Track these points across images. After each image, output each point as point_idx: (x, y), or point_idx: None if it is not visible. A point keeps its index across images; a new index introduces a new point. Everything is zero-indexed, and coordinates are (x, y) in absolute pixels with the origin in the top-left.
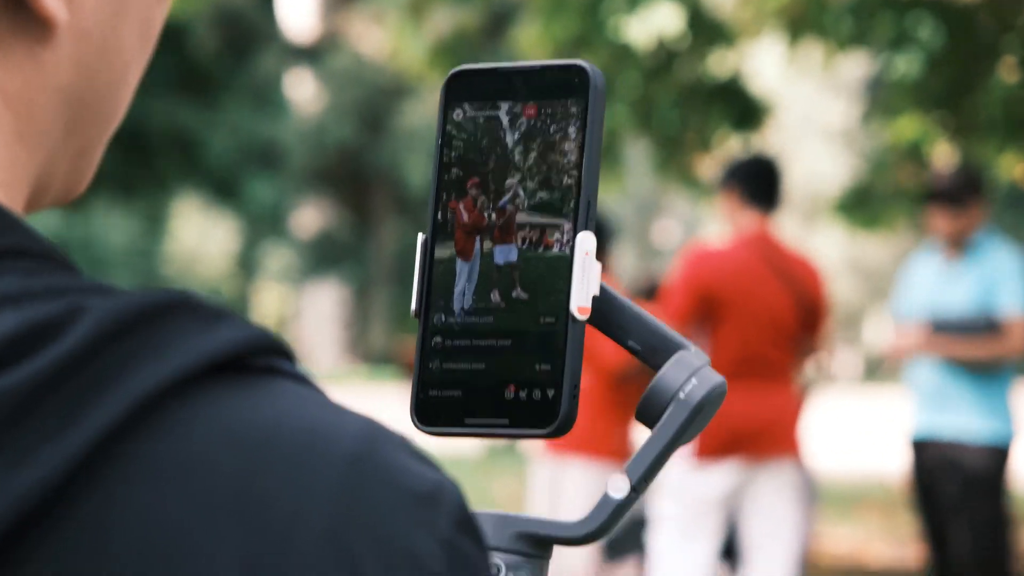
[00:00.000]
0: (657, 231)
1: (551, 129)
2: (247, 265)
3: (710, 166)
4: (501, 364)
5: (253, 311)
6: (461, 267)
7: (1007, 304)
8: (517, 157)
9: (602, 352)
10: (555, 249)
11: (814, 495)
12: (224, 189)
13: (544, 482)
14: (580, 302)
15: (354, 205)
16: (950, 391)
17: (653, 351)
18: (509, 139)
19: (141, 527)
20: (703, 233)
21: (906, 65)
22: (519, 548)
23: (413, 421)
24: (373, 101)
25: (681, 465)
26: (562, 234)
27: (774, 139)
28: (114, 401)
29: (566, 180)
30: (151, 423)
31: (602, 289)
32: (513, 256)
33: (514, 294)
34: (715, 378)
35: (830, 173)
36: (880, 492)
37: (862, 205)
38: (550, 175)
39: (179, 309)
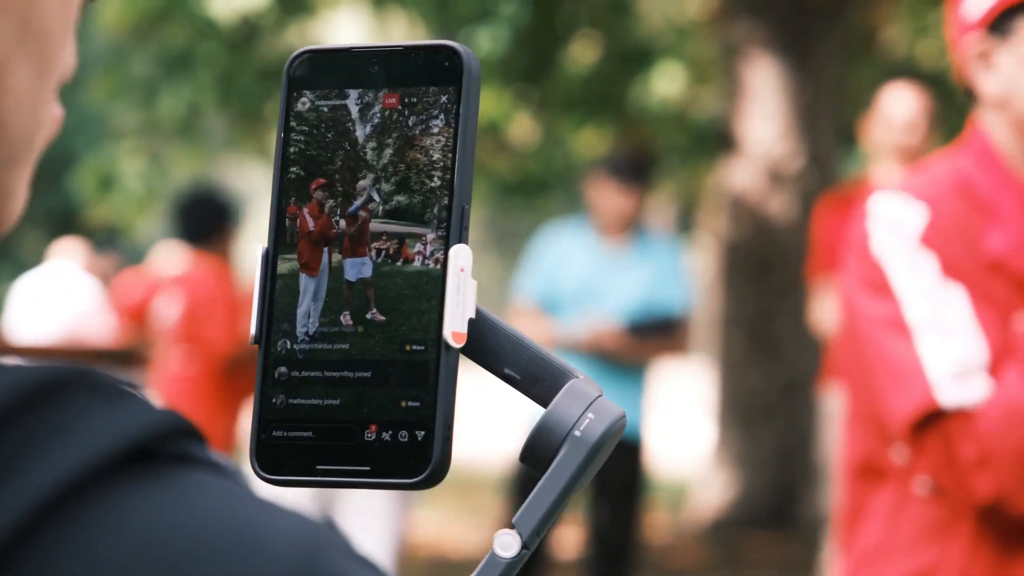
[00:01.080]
0: None
1: (411, 121)
2: None
3: None
4: (359, 400)
5: None
6: (306, 284)
7: (672, 301)
8: (369, 154)
9: (209, 334)
10: (416, 263)
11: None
12: None
13: None
14: (455, 327)
15: None
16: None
17: (534, 380)
18: (360, 133)
19: None
20: None
21: (491, 42)
22: None
23: (253, 468)
24: None
25: None
26: (425, 245)
27: None
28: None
29: (430, 182)
30: (48, 532)
31: (476, 309)
32: (367, 271)
33: (369, 316)
34: (614, 410)
35: None
36: (477, 476)
37: None
38: (410, 176)
39: (75, 387)
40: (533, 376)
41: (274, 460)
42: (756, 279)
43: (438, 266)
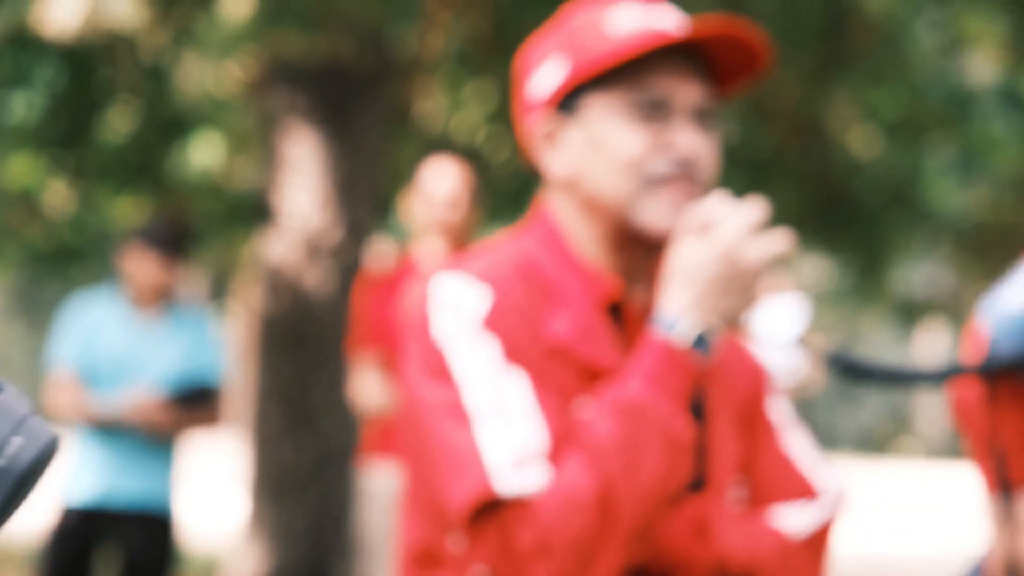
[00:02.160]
0: None
1: None
2: None
3: None
4: None
5: None
6: None
7: (208, 372)
8: None
9: None
10: None
11: None
12: None
13: None
14: None
15: None
16: (124, 457)
17: None
18: None
19: None
20: None
21: (25, 108)
22: None
23: None
24: None
25: None
26: None
27: None
28: None
29: None
30: None
31: None
32: None
33: None
34: (46, 431)
35: None
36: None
37: None
38: None
39: None
40: None
41: None
42: (292, 351)
43: None
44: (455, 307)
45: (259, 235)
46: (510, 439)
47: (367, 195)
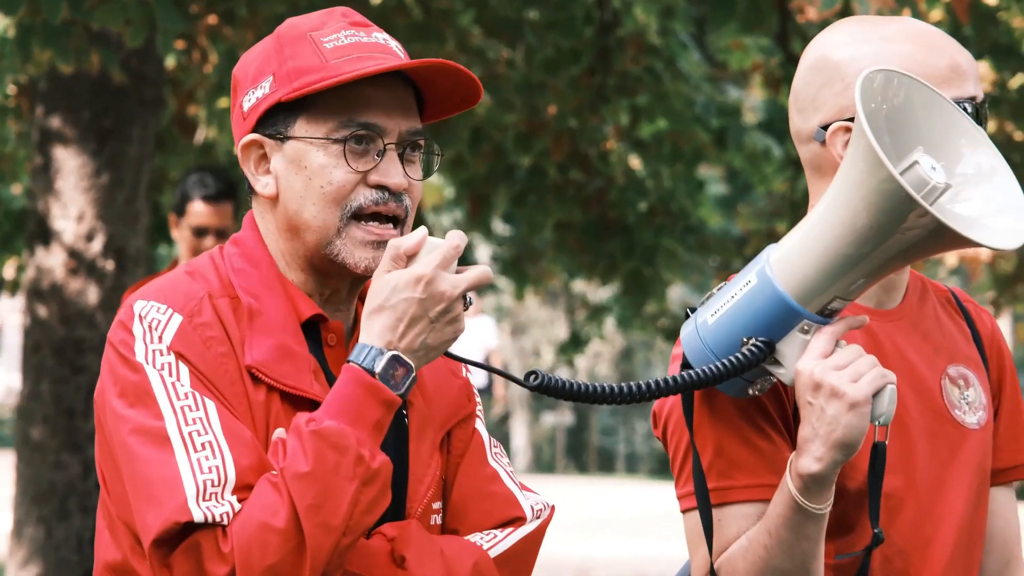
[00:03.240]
0: None
1: None
2: None
3: None
4: None
5: None
6: None
7: None
8: None
9: None
10: None
11: None
12: None
13: None
14: None
15: None
16: None
17: None
18: None
19: None
20: None
21: None
22: None
23: None
24: None
25: None
26: None
27: None
28: None
29: None
30: None
31: None
32: None
33: None
34: None
35: None
36: None
37: None
38: None
39: None
40: None
41: None
42: (54, 367)
43: None
44: (149, 330)
45: (28, 251)
46: (202, 467)
47: (131, 211)
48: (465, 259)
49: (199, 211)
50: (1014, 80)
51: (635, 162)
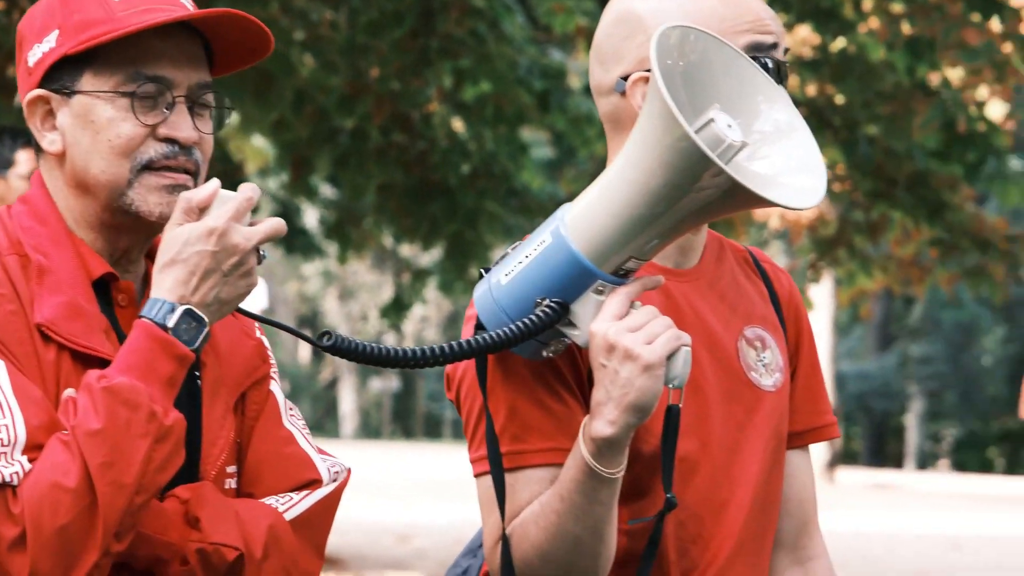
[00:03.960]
0: None
1: None
2: None
3: None
4: None
5: None
6: None
7: None
8: None
9: None
10: None
11: None
12: None
13: None
14: None
15: None
16: None
17: None
18: None
19: None
20: None
21: None
22: None
23: None
24: None
25: None
26: None
27: None
28: None
29: None
30: None
31: None
32: None
33: None
34: None
35: None
36: None
37: None
38: None
39: None
40: None
41: None
42: None
43: None
44: None
45: None
46: None
47: None
48: (290, 222)
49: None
50: (835, 43)
51: (458, 125)
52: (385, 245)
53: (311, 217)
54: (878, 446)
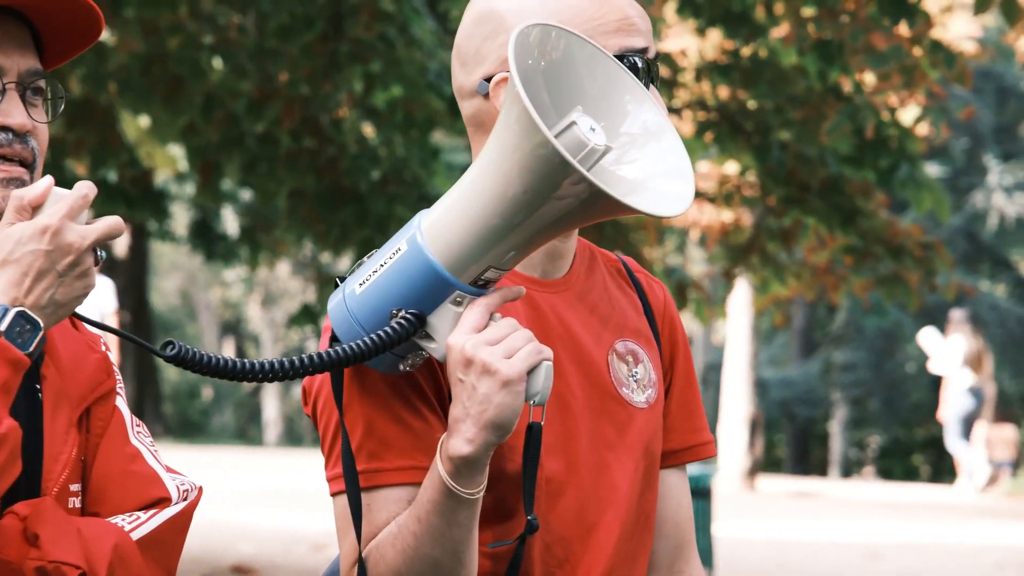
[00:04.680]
0: None
1: None
2: None
3: None
4: None
5: None
6: None
7: None
8: None
9: None
10: None
11: None
12: None
13: None
14: None
15: None
16: None
17: None
18: None
19: None
20: None
21: None
22: None
23: None
24: None
25: None
26: None
27: None
28: None
29: None
30: None
31: None
32: None
33: None
34: None
35: None
36: None
37: None
38: None
39: None
40: None
41: None
42: None
43: None
44: None
45: None
46: None
47: None
48: (209, 228)
49: None
50: (746, 48)
51: (368, 130)
52: (306, 252)
53: (232, 223)
54: (802, 454)
